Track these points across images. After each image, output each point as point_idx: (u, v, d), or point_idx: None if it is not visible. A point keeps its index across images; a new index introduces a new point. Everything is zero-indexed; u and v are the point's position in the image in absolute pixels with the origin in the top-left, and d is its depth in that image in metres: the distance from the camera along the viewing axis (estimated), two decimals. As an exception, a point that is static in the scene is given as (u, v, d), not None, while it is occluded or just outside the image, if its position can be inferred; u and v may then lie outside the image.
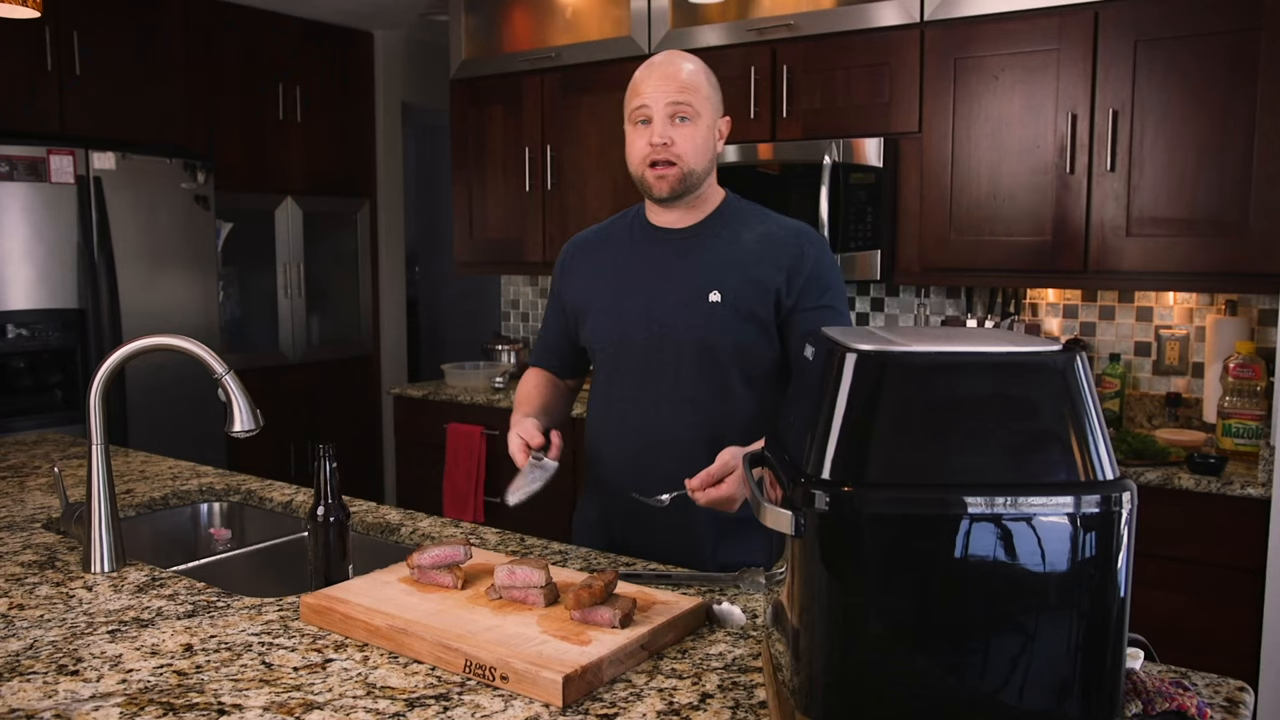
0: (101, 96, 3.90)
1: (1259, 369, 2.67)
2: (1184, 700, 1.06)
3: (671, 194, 1.72)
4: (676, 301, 1.74)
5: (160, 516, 2.15)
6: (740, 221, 1.78)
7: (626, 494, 1.73)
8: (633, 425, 1.78)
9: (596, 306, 1.82)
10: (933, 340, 0.94)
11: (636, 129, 1.72)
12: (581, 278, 1.87)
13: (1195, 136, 2.65)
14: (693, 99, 1.68)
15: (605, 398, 1.83)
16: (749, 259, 1.73)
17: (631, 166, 1.75)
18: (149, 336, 1.63)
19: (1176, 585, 2.50)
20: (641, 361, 1.77)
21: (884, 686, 0.89)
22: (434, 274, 6.43)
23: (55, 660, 1.27)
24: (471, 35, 4.17)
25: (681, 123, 1.69)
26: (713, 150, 1.74)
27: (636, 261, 1.81)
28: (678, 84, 1.68)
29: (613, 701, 1.15)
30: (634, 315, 1.77)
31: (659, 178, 1.70)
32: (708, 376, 1.73)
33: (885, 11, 3.09)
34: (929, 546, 0.87)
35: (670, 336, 1.74)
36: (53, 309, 3.57)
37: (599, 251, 1.88)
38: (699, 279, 1.74)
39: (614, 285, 1.81)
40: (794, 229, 1.77)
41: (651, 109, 1.69)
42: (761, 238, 1.76)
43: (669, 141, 1.68)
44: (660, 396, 1.75)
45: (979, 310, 3.34)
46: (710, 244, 1.76)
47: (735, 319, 1.71)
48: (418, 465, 4.18)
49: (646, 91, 1.69)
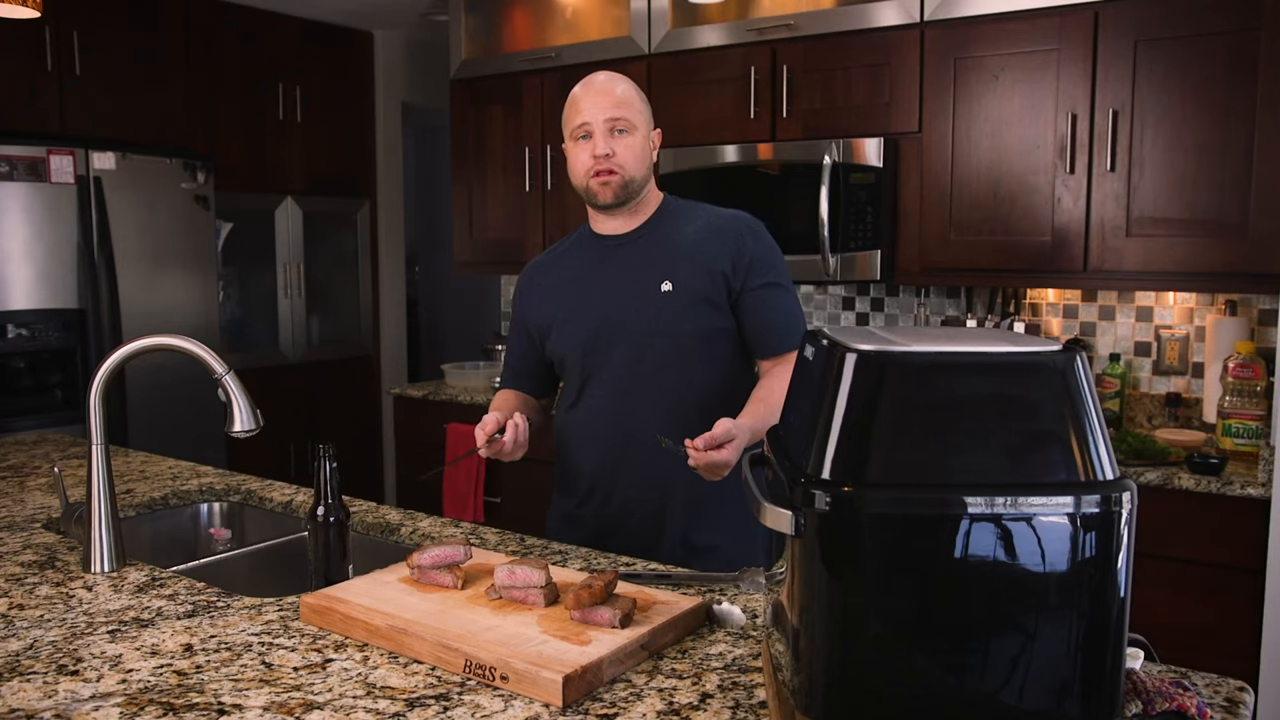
0: (101, 96, 3.90)
1: (1259, 369, 2.67)
2: (1184, 700, 1.07)
3: (616, 200, 1.84)
4: (631, 298, 1.85)
5: (160, 516, 2.15)
6: (681, 217, 1.91)
7: (627, 460, 1.85)
8: (609, 422, 1.87)
9: (559, 318, 1.92)
10: (933, 340, 0.94)
11: (578, 144, 1.84)
12: (540, 296, 1.97)
13: (1195, 136, 2.65)
14: (628, 113, 1.82)
15: (577, 401, 1.92)
16: (693, 249, 1.85)
17: (576, 179, 1.87)
18: (149, 336, 1.63)
19: (1176, 585, 2.50)
20: (607, 361, 1.86)
21: (884, 686, 0.89)
22: (434, 274, 6.43)
23: (55, 660, 1.27)
24: (471, 35, 4.17)
25: (620, 135, 1.82)
26: (649, 159, 1.87)
27: (589, 270, 1.92)
28: (613, 100, 1.81)
29: (613, 701, 1.15)
30: (594, 318, 1.87)
31: (603, 184, 1.82)
32: (671, 363, 1.83)
33: (885, 11, 3.09)
34: (929, 546, 0.87)
35: (631, 332, 1.84)
36: (53, 309, 3.57)
37: (555, 270, 1.98)
38: (649, 273, 1.85)
39: (572, 295, 1.91)
40: (731, 216, 1.90)
41: (592, 125, 1.81)
42: (702, 228, 1.88)
43: (610, 153, 1.80)
44: (629, 390, 1.85)
45: (979, 310, 3.34)
46: (654, 240, 1.88)
47: (689, 304, 1.82)
48: (418, 465, 4.19)
49: (585, 109, 1.82)
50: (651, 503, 1.85)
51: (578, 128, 1.82)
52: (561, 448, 1.97)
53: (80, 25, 3.80)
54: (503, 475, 3.82)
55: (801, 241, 3.18)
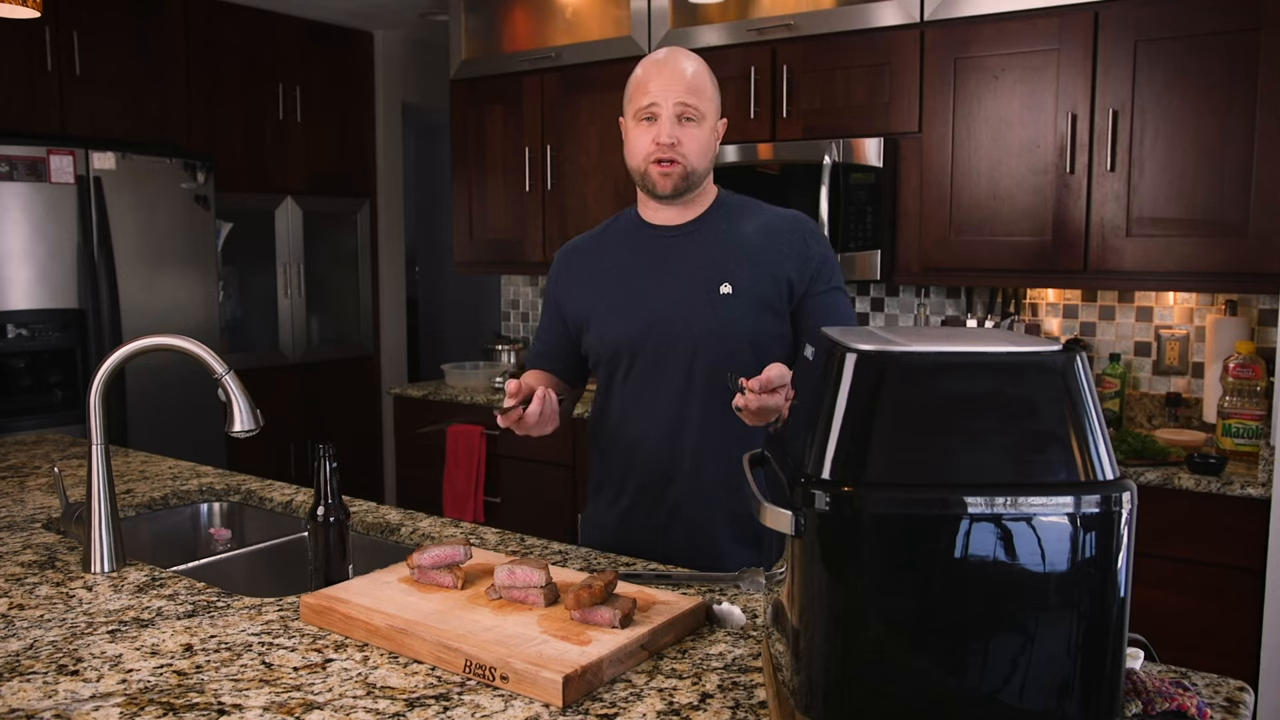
0: (101, 96, 3.90)
1: (1259, 369, 2.67)
2: (1184, 700, 1.07)
3: (675, 191, 1.73)
4: (686, 296, 1.74)
5: (160, 516, 2.15)
6: (738, 214, 1.80)
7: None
8: (659, 421, 1.76)
9: (602, 310, 1.80)
10: (933, 340, 0.94)
11: (640, 125, 1.72)
12: (581, 284, 1.85)
13: (1195, 136, 2.65)
14: (699, 101, 1.70)
15: (623, 398, 1.81)
16: (754, 250, 1.74)
17: (634, 162, 1.75)
18: (149, 336, 1.63)
19: (1176, 585, 2.50)
20: (653, 364, 1.76)
21: (884, 686, 0.89)
22: (434, 274, 6.43)
23: (55, 660, 1.27)
24: (471, 35, 4.17)
25: (687, 123, 1.70)
26: (714, 150, 1.76)
27: (638, 261, 1.80)
28: (685, 85, 1.69)
29: (613, 701, 1.15)
30: (643, 315, 1.76)
31: (664, 175, 1.71)
32: (721, 369, 1.69)
33: (885, 11, 3.09)
34: (929, 546, 0.87)
35: (683, 332, 1.73)
36: (53, 309, 3.57)
37: (597, 256, 1.86)
38: (707, 273, 1.74)
39: (618, 287, 1.80)
40: (791, 217, 1.80)
41: (660, 107, 1.69)
42: (761, 228, 1.77)
43: (676, 141, 1.69)
44: (677, 399, 1.75)
45: (979, 310, 3.34)
46: (711, 237, 1.77)
47: (749, 310, 1.72)
48: (418, 465, 4.19)
49: (655, 90, 1.69)
50: (699, 507, 1.76)
51: (644, 108, 1.70)
52: (606, 450, 1.86)
53: (80, 25, 3.80)
54: (503, 475, 3.82)
55: (801, 241, 3.17)
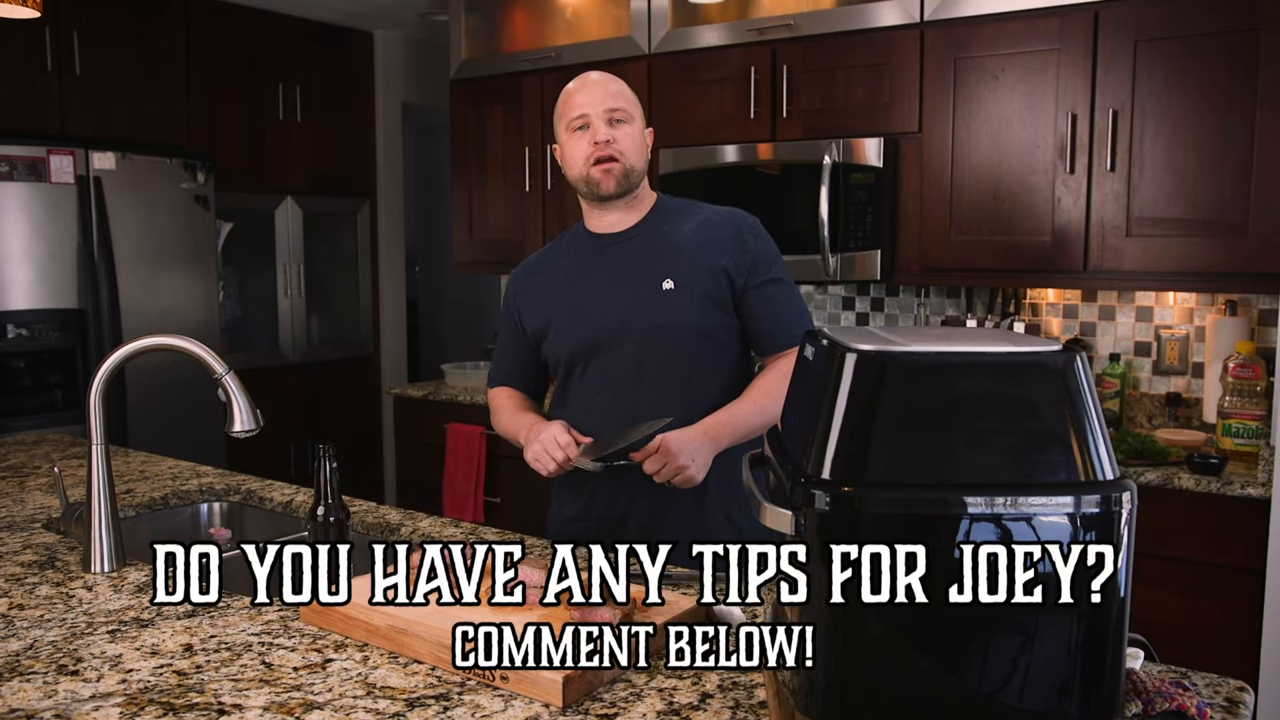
0: (101, 96, 3.90)
1: (1259, 369, 2.67)
2: (1184, 700, 1.07)
3: (618, 189, 1.82)
4: (632, 296, 1.83)
5: (160, 516, 2.15)
6: (677, 215, 1.90)
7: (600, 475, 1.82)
8: (615, 413, 1.82)
9: (556, 318, 1.89)
10: (933, 340, 0.94)
11: (574, 135, 1.82)
12: (537, 298, 1.94)
13: (1195, 136, 2.65)
14: (626, 105, 1.82)
15: (576, 402, 1.88)
16: (693, 246, 1.84)
17: (575, 170, 1.84)
18: (149, 336, 1.63)
19: (1176, 585, 2.50)
20: (607, 361, 1.84)
21: (884, 686, 0.89)
22: (434, 274, 6.43)
23: (55, 660, 1.27)
24: (471, 35, 4.17)
25: (619, 124, 1.81)
26: (646, 152, 1.86)
27: (586, 269, 1.90)
28: (609, 92, 1.81)
29: (613, 701, 1.15)
30: (594, 318, 1.85)
31: (605, 172, 1.80)
32: (672, 361, 1.81)
33: (885, 11, 3.09)
34: (929, 546, 0.87)
35: (632, 330, 1.82)
36: (53, 309, 3.57)
37: (549, 270, 1.96)
38: (650, 271, 1.83)
39: (569, 295, 1.89)
40: (728, 214, 1.89)
41: (590, 115, 1.80)
42: (700, 225, 1.87)
43: (611, 139, 1.79)
44: (630, 390, 1.82)
45: (979, 310, 3.34)
46: (652, 239, 1.87)
47: (692, 302, 1.80)
48: (418, 465, 4.19)
49: (582, 101, 1.81)
50: (655, 503, 1.83)
51: (575, 119, 1.81)
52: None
53: (80, 25, 3.80)
54: (503, 475, 3.82)
55: (801, 241, 3.18)
